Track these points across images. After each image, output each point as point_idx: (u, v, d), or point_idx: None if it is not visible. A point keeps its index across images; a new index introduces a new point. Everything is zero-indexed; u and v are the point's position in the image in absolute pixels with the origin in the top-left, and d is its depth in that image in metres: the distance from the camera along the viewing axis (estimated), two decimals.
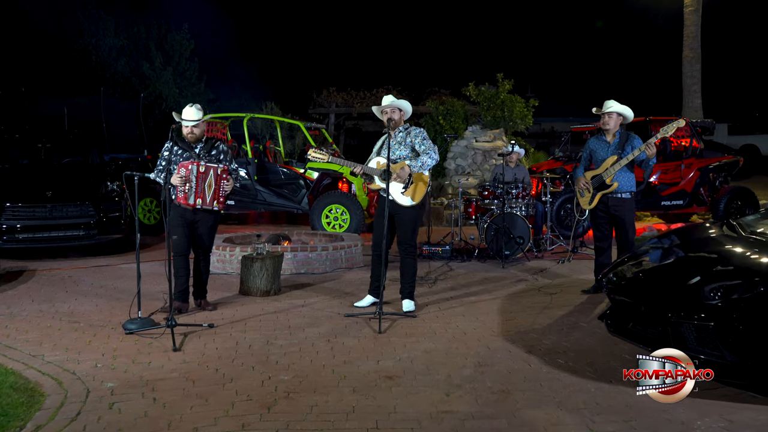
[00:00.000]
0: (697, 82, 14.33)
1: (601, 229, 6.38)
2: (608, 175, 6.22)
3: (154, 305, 5.84)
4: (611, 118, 6.27)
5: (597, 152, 6.38)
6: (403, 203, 5.71)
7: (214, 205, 5.42)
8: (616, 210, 6.27)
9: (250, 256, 6.44)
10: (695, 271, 4.11)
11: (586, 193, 6.39)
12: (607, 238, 6.41)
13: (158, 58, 23.41)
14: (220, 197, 5.45)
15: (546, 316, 5.66)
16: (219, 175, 5.42)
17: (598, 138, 6.44)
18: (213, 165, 5.39)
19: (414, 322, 5.46)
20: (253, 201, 10.61)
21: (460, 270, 7.86)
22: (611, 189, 6.25)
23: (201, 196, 5.34)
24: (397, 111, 5.82)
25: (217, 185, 5.38)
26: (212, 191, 5.37)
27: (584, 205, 6.46)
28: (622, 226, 6.30)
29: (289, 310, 5.88)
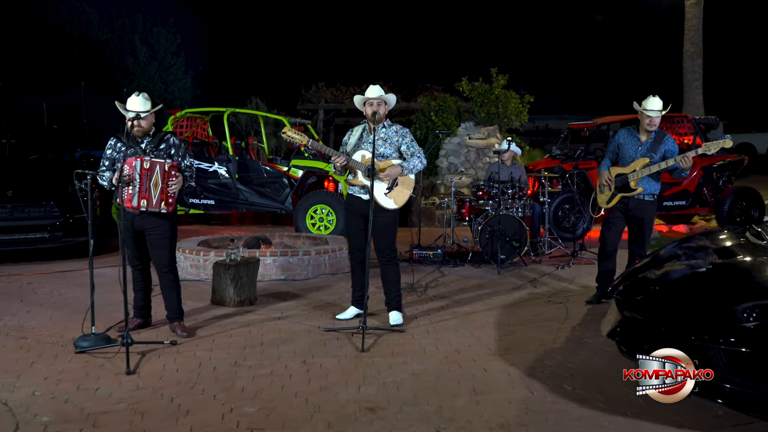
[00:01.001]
0: (698, 78, 13.81)
1: (613, 230, 5.86)
2: (635, 177, 5.68)
3: (116, 317, 5.28)
4: (658, 119, 5.73)
5: (626, 148, 5.82)
6: (385, 205, 5.15)
7: (161, 207, 4.67)
8: (637, 212, 5.76)
9: (222, 263, 5.88)
10: (723, 286, 3.58)
11: (606, 190, 5.87)
12: (616, 242, 5.89)
13: (143, 52, 22.77)
14: (168, 198, 4.70)
15: (547, 330, 5.12)
16: (167, 172, 4.66)
17: (630, 132, 5.88)
18: (159, 160, 4.67)
19: (401, 338, 4.90)
20: (234, 201, 10.01)
21: (453, 276, 7.31)
22: (634, 193, 5.71)
23: (146, 197, 4.64)
24: (383, 104, 5.27)
25: (164, 184, 4.66)
26: (159, 191, 4.65)
27: (601, 203, 5.95)
28: (639, 229, 5.79)
29: (264, 323, 5.32)
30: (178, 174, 4.70)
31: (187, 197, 10.07)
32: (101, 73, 22.82)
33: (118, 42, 23.43)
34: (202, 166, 10.00)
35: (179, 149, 4.91)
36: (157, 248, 4.84)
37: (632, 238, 5.84)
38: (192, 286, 6.70)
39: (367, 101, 5.25)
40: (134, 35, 23.31)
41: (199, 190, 10.03)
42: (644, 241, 5.76)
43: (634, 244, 5.80)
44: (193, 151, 10.19)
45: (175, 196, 4.70)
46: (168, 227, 4.82)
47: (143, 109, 4.75)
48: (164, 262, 4.87)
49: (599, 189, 5.94)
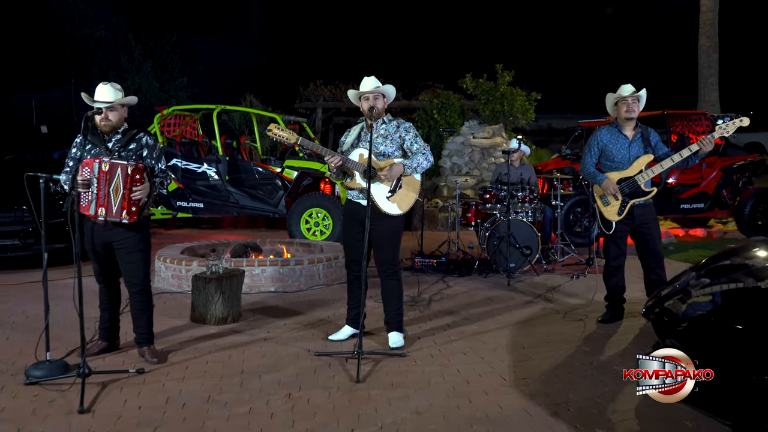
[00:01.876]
0: (714, 74, 13.15)
1: (621, 244, 5.23)
2: (645, 178, 5.05)
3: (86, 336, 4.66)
4: (635, 104, 5.10)
5: (614, 149, 5.16)
6: (387, 210, 4.53)
7: (122, 216, 3.97)
8: (643, 218, 5.13)
9: (202, 276, 5.27)
10: None
11: (612, 200, 5.19)
12: (623, 255, 5.27)
13: (138, 49, 22.19)
14: (131, 206, 3.99)
15: (566, 354, 4.51)
16: (129, 176, 3.95)
17: (612, 131, 5.23)
18: (121, 162, 3.99)
19: (403, 365, 4.29)
20: (224, 204, 9.40)
21: (459, 287, 6.70)
22: (650, 196, 5.09)
23: (104, 204, 3.99)
24: (380, 97, 4.67)
25: (126, 189, 3.99)
26: (120, 197, 3.98)
27: (611, 216, 5.20)
28: (649, 237, 5.16)
29: (248, 345, 4.70)
30: (144, 179, 4.04)
31: (174, 200, 9.46)
32: (94, 71, 22.25)
33: (112, 39, 22.87)
34: (191, 166, 9.40)
35: (153, 150, 4.27)
36: (126, 264, 4.21)
37: (644, 248, 5.20)
38: (172, 299, 6.10)
39: (362, 95, 4.64)
40: (129, 32, 22.72)
41: (188, 192, 9.42)
42: (658, 249, 5.15)
43: (649, 255, 5.17)
44: (181, 151, 9.58)
45: (139, 205, 4.04)
46: (137, 240, 4.17)
47: (110, 98, 4.14)
48: (134, 281, 4.23)
49: (602, 201, 5.22)
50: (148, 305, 4.32)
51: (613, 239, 5.26)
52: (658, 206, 9.90)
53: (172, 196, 9.45)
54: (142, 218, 4.14)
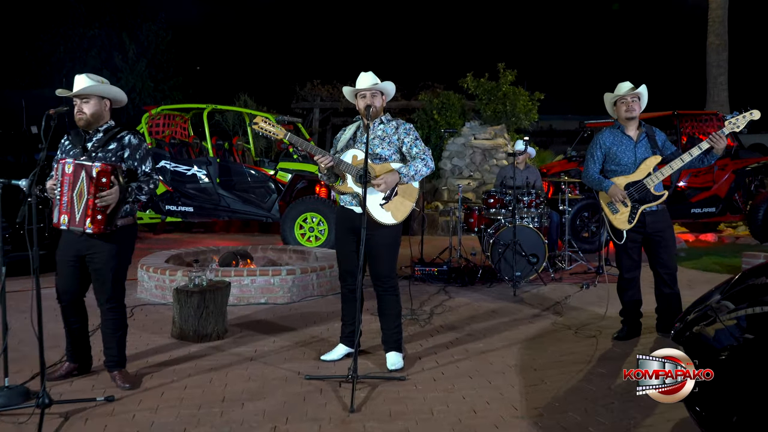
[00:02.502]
0: (723, 73, 12.73)
1: (633, 254, 4.81)
2: (654, 181, 4.64)
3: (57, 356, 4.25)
4: (635, 102, 4.70)
5: (618, 152, 4.75)
6: (381, 220, 4.11)
7: (85, 224, 3.54)
8: (657, 225, 4.72)
9: (184, 289, 4.85)
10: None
11: (621, 207, 4.76)
12: (638, 267, 4.85)
13: (132, 49, 21.78)
14: (96, 214, 3.54)
15: (582, 377, 4.09)
16: (95, 179, 3.50)
17: (615, 132, 4.82)
18: (86, 163, 3.55)
19: (402, 390, 3.87)
20: (215, 208, 8.97)
21: (462, 299, 6.28)
22: (661, 200, 4.69)
23: (67, 212, 3.58)
24: (378, 95, 4.26)
25: (90, 194, 3.52)
26: (84, 204, 3.54)
27: (621, 225, 4.76)
28: (662, 246, 4.74)
29: (231, 366, 4.28)
30: (112, 182, 3.60)
31: (162, 204, 9.04)
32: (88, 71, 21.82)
33: (106, 38, 22.44)
34: (180, 169, 8.97)
35: (136, 151, 3.83)
36: (95, 279, 3.78)
37: (657, 257, 4.78)
38: (155, 312, 5.68)
39: (359, 93, 4.23)
40: (123, 31, 22.31)
41: (177, 195, 9.00)
42: (672, 259, 4.76)
43: (662, 266, 4.75)
44: (171, 153, 9.15)
45: (107, 212, 3.61)
46: (111, 252, 3.73)
47: (83, 85, 3.72)
48: (104, 297, 3.79)
49: (610, 209, 4.79)
50: (119, 325, 3.89)
51: (625, 250, 4.84)
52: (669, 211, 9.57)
53: (161, 199, 9.03)
54: (121, 228, 3.71)
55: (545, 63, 27.61)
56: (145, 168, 3.82)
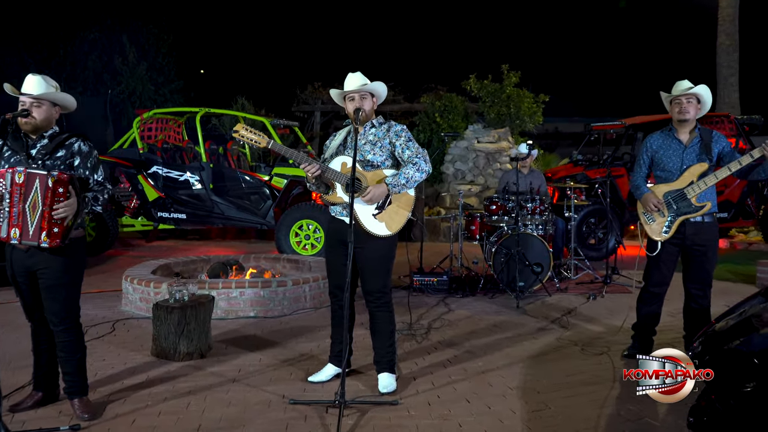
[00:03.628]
0: (734, 74, 12.38)
1: (664, 268, 4.44)
2: (696, 190, 4.26)
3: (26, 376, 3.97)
4: (691, 104, 4.33)
5: (665, 156, 4.40)
6: (374, 231, 3.81)
7: (40, 238, 3.25)
8: (697, 239, 4.31)
9: (164, 305, 4.55)
10: None
11: (658, 217, 4.42)
12: (666, 283, 4.48)
13: (132, 52, 21.59)
14: (53, 227, 3.26)
15: (591, 400, 3.78)
16: (50, 189, 3.24)
17: (665, 135, 4.46)
18: (40, 172, 3.26)
19: (394, 417, 3.56)
20: (208, 214, 8.69)
21: (462, 311, 5.97)
22: (700, 213, 4.30)
23: (19, 225, 3.26)
24: (368, 97, 3.94)
25: (45, 205, 3.25)
26: (38, 216, 3.25)
27: (654, 235, 4.40)
28: (700, 261, 4.35)
29: (212, 389, 3.98)
30: (69, 193, 3.30)
31: (155, 210, 8.77)
32: (88, 74, 21.66)
33: (106, 41, 22.25)
34: (172, 174, 8.70)
35: (87, 159, 3.53)
36: (47, 297, 3.46)
37: (691, 274, 4.41)
38: (137, 327, 5.40)
39: (347, 95, 3.93)
40: (123, 34, 22.12)
41: (169, 201, 8.72)
42: (709, 277, 4.38)
43: (695, 282, 4.38)
44: (163, 158, 8.88)
45: (63, 225, 3.30)
46: (64, 267, 3.41)
47: (37, 91, 3.44)
48: (56, 318, 3.46)
49: (645, 218, 4.48)
50: (75, 347, 3.55)
51: (656, 262, 4.47)
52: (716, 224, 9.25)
53: (153, 206, 8.76)
54: (71, 241, 3.41)
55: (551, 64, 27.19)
56: (97, 177, 3.52)
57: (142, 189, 8.78)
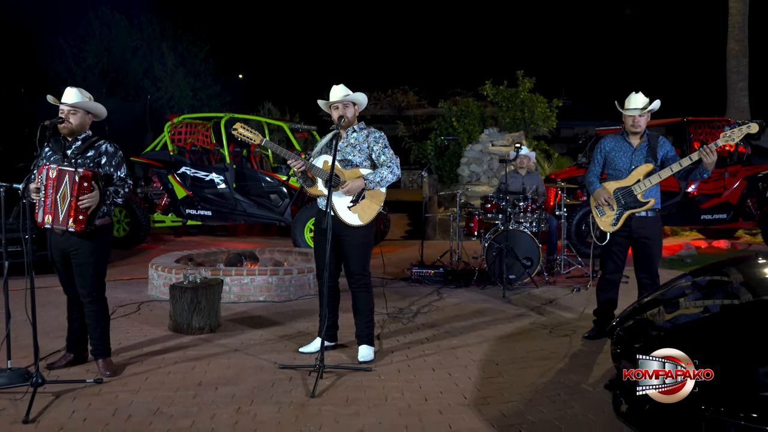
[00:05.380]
0: (743, 79, 12.62)
1: (616, 258, 4.98)
2: (642, 188, 4.81)
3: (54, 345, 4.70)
4: (643, 118, 4.86)
5: (616, 157, 4.96)
6: (348, 221, 4.45)
7: (69, 224, 3.91)
8: (642, 232, 4.87)
9: (178, 285, 5.25)
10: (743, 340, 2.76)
11: (608, 210, 4.96)
12: (620, 270, 5.02)
13: (171, 58, 22.62)
14: (78, 214, 3.91)
15: (540, 372, 4.32)
16: (77, 183, 3.87)
17: (618, 138, 5.02)
18: (69, 169, 3.94)
19: (365, 379, 4.17)
20: (231, 211, 9.43)
21: (452, 299, 6.54)
22: (645, 208, 4.84)
23: (51, 212, 3.96)
24: (351, 106, 4.57)
25: (73, 197, 3.90)
26: (67, 205, 3.93)
27: (605, 227, 4.97)
28: (646, 253, 4.89)
29: (216, 356, 4.65)
30: (93, 186, 4.00)
31: (183, 207, 9.54)
32: (129, 80, 22.77)
33: (147, 49, 23.35)
34: (199, 174, 9.46)
35: (112, 158, 4.24)
36: (78, 272, 4.18)
37: (639, 263, 4.95)
38: (160, 308, 6.11)
39: (332, 105, 4.56)
40: (163, 42, 23.17)
41: (197, 200, 9.49)
42: (654, 266, 4.89)
43: (643, 271, 4.91)
44: (191, 159, 9.65)
45: (87, 213, 4.00)
46: (91, 248, 4.13)
47: (72, 100, 4.15)
48: (85, 290, 4.19)
49: (597, 211, 5.02)
50: (101, 316, 4.27)
51: (608, 252, 5.03)
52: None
53: (182, 203, 9.53)
54: (99, 227, 4.11)
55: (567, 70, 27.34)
56: (120, 174, 4.21)
57: (172, 188, 9.57)
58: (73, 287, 4.32)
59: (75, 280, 4.21)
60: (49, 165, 3.98)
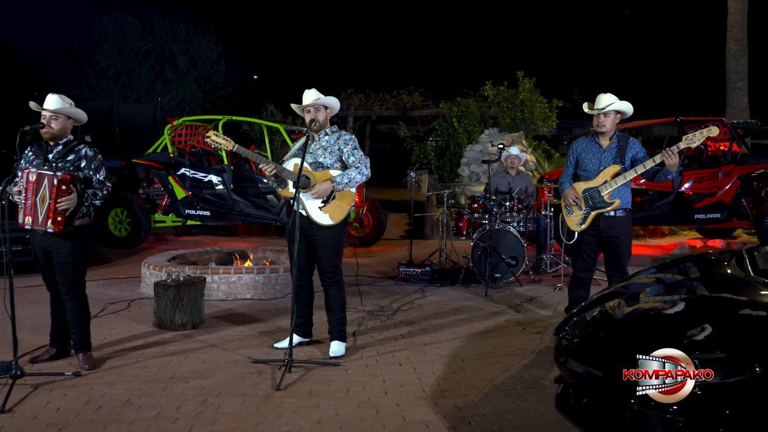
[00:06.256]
0: (742, 78, 12.59)
1: (586, 257, 5.09)
2: (608, 188, 4.92)
3: (41, 340, 4.91)
4: (608, 117, 4.97)
5: (586, 159, 5.07)
6: (319, 221, 4.61)
7: (47, 225, 4.09)
8: (610, 231, 4.98)
9: (162, 283, 5.44)
10: (667, 332, 2.88)
11: (576, 210, 5.08)
12: (590, 269, 5.12)
13: (182, 61, 22.94)
14: (57, 216, 4.10)
15: (503, 368, 4.44)
16: (56, 186, 4.05)
17: (589, 140, 5.13)
18: (48, 173, 4.13)
19: (332, 374, 4.33)
20: (229, 212, 9.63)
21: (435, 297, 6.68)
22: (611, 208, 4.96)
23: (31, 214, 4.16)
24: (322, 109, 4.73)
25: (51, 199, 4.10)
26: (46, 207, 4.12)
27: (573, 226, 5.10)
28: (615, 252, 5.00)
29: (194, 351, 4.83)
30: (71, 189, 4.19)
31: (183, 208, 9.77)
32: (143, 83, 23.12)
33: (159, 52, 23.70)
34: (198, 176, 9.68)
35: (92, 162, 4.43)
36: (58, 271, 4.39)
37: (609, 262, 5.07)
38: (149, 305, 6.29)
39: (305, 108, 4.73)
40: (174, 45, 23.51)
41: (196, 200, 9.71)
42: (623, 264, 4.98)
43: (613, 269, 5.02)
44: (190, 161, 9.88)
45: (65, 215, 4.20)
46: (70, 248, 4.32)
47: (54, 107, 4.35)
48: (65, 287, 4.40)
49: (566, 210, 5.15)
50: (81, 312, 4.46)
51: (578, 251, 5.15)
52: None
53: (182, 204, 9.76)
54: (78, 227, 4.30)
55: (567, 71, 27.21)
56: (99, 177, 4.40)
57: (172, 189, 9.80)
58: (55, 285, 4.52)
59: (56, 278, 4.41)
60: (30, 169, 4.18)
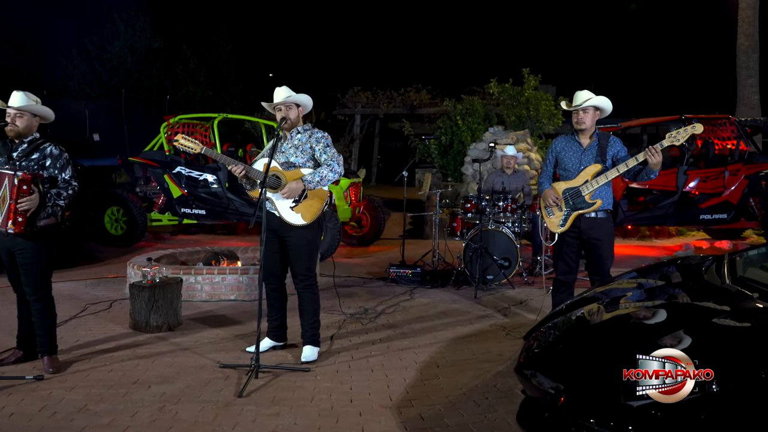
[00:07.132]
0: (753, 75, 12.26)
1: (568, 259, 4.91)
2: (589, 189, 4.75)
3: (10, 343, 4.83)
4: (587, 114, 4.79)
5: (566, 158, 4.89)
6: (291, 221, 4.47)
7: (8, 226, 3.96)
8: (592, 233, 4.80)
9: (137, 284, 5.34)
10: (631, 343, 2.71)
11: (556, 211, 4.91)
12: (573, 272, 4.94)
13: (192, 59, 22.97)
14: (17, 216, 3.97)
15: (478, 375, 4.29)
16: (16, 186, 3.94)
17: (569, 138, 4.95)
18: (8, 172, 4.02)
19: (300, 380, 4.20)
20: (224, 210, 9.54)
21: (422, 299, 6.52)
22: (594, 208, 4.78)
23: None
24: (294, 108, 4.60)
25: (12, 199, 3.98)
26: (6, 208, 4.00)
27: (553, 228, 4.93)
28: (597, 254, 4.82)
29: (163, 355, 4.73)
30: (32, 189, 4.09)
31: (179, 206, 9.70)
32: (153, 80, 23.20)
33: (170, 49, 23.74)
34: (193, 174, 9.60)
35: (57, 160, 4.33)
36: (22, 272, 4.29)
37: (590, 264, 4.88)
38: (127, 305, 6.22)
39: (276, 107, 4.60)
40: (184, 43, 23.55)
41: (191, 199, 9.63)
42: (605, 267, 4.80)
43: (594, 272, 4.84)
44: (186, 159, 9.80)
45: (27, 215, 4.09)
46: (34, 249, 4.22)
47: (18, 105, 4.25)
48: (30, 288, 4.30)
49: (546, 212, 4.96)
50: (46, 314, 4.36)
51: (560, 253, 4.98)
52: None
53: (178, 202, 9.69)
54: (43, 227, 4.21)
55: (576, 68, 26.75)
56: (64, 176, 4.30)
57: (168, 187, 9.73)
58: (21, 285, 4.43)
59: (21, 279, 4.32)
60: None
